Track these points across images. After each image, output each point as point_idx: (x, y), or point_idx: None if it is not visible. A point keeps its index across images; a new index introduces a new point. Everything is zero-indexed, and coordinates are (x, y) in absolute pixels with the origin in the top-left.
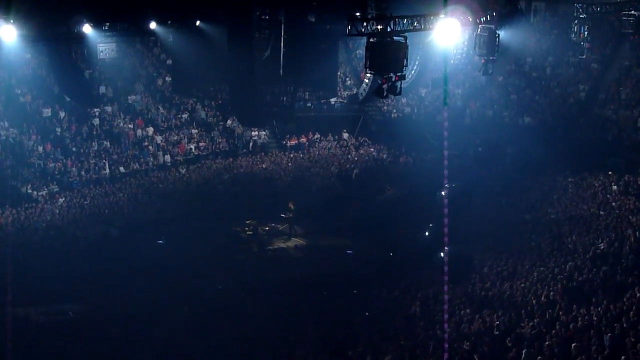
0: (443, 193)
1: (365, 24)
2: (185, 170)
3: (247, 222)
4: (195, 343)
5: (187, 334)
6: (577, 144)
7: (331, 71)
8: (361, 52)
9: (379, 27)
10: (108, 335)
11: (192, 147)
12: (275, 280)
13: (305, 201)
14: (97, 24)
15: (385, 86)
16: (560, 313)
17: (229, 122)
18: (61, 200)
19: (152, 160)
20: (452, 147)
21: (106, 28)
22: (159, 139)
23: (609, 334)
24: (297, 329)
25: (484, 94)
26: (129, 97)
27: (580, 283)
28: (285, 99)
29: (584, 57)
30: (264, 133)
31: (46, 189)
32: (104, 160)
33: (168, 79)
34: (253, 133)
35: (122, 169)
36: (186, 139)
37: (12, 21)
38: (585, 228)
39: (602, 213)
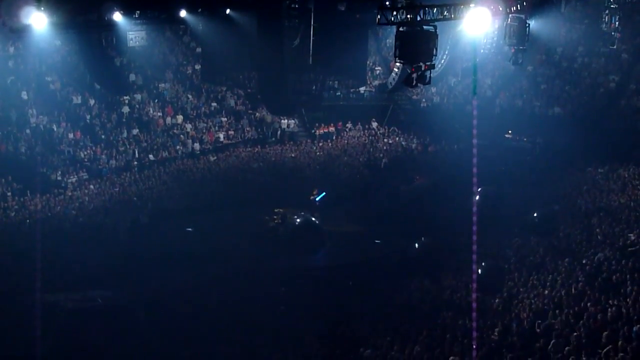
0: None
1: (394, 13)
2: (214, 158)
3: (275, 211)
4: (222, 330)
5: (214, 321)
6: (606, 135)
7: (360, 60)
8: (390, 40)
9: (409, 16)
10: (136, 322)
11: (221, 135)
12: (302, 268)
13: (333, 190)
14: (127, 12)
15: (414, 75)
16: (589, 304)
17: (258, 110)
18: (90, 187)
19: (181, 148)
20: (481, 137)
21: (136, 16)
22: (188, 126)
23: (638, 325)
24: (321, 318)
25: (514, 84)
26: (159, 85)
27: (609, 274)
28: (314, 87)
29: (615, 47)
30: (293, 122)
31: (75, 176)
32: (133, 148)
33: (197, 67)
34: (282, 121)
35: (151, 157)
36: (215, 127)
37: (42, 8)
38: (614, 219)
39: (632, 204)
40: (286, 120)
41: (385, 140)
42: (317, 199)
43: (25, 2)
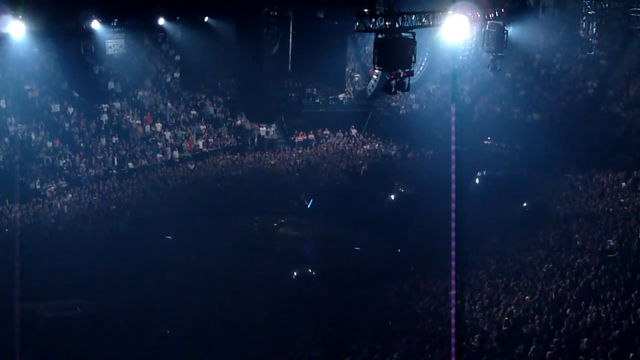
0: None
1: (373, 20)
2: (193, 166)
3: (256, 219)
4: (203, 338)
5: (195, 329)
6: (585, 141)
7: (339, 67)
8: (369, 47)
9: (387, 23)
10: (115, 331)
11: (200, 142)
12: (282, 275)
13: (313, 197)
14: (105, 20)
15: (393, 82)
16: (568, 309)
17: (237, 118)
18: (69, 195)
19: (160, 156)
20: (460, 143)
21: (114, 24)
22: (167, 134)
23: (617, 331)
24: (303, 325)
25: (492, 90)
26: (137, 93)
27: (589, 280)
28: (293, 94)
29: (592, 53)
30: (272, 129)
31: (54, 185)
32: (112, 156)
33: (176, 74)
34: (261, 129)
35: (130, 165)
36: (194, 135)
37: (20, 17)
38: (593, 224)
39: (610, 209)
40: (265, 128)
41: (365, 147)
42: (309, 205)
43: (2, 11)
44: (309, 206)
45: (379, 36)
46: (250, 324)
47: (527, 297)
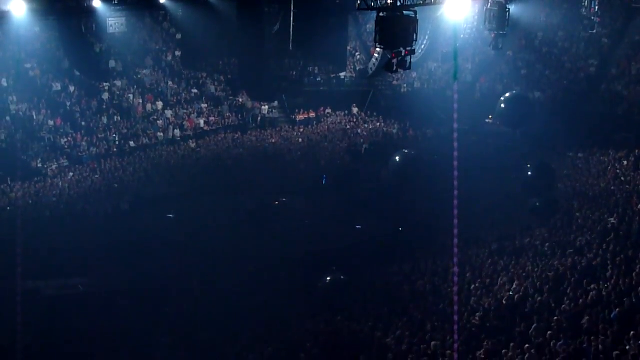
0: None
1: None
2: (194, 144)
3: (257, 197)
4: (204, 316)
5: (196, 308)
6: (587, 119)
7: (341, 45)
8: (371, 26)
9: (389, 1)
10: (117, 309)
11: (202, 121)
12: (283, 254)
13: (314, 175)
14: None
15: (394, 60)
16: (569, 288)
17: (239, 96)
18: (71, 174)
19: (161, 134)
20: (461, 122)
21: (116, 2)
22: (168, 113)
23: (618, 309)
24: (304, 304)
25: (494, 69)
26: (139, 72)
27: (590, 258)
28: (294, 73)
29: (595, 31)
30: (274, 107)
31: (56, 163)
32: (114, 134)
33: (177, 53)
34: (262, 107)
35: (131, 143)
36: (195, 114)
37: None
38: (595, 203)
39: (612, 188)
40: (266, 106)
41: (366, 125)
42: (324, 181)
43: None
44: (324, 182)
45: (381, 14)
46: (251, 302)
47: (528, 276)
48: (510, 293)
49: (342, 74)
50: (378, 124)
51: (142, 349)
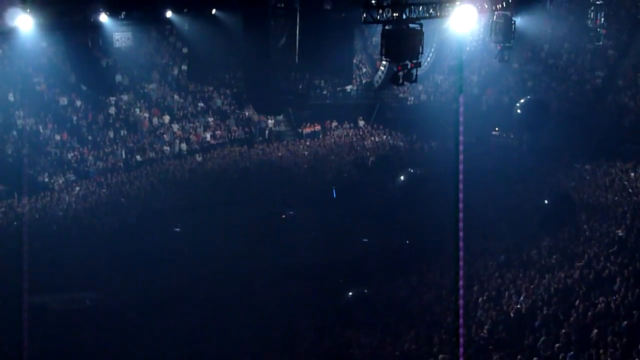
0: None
1: (380, 11)
2: (201, 158)
3: (264, 211)
4: (211, 330)
5: (203, 321)
6: (593, 131)
7: (346, 58)
8: (376, 39)
9: (395, 14)
10: (124, 323)
11: (208, 135)
12: (290, 266)
13: (320, 188)
14: (113, 13)
15: (400, 73)
16: (577, 300)
17: (245, 110)
18: (77, 188)
19: (168, 148)
20: (467, 134)
21: (122, 16)
22: (174, 127)
23: (626, 322)
24: (310, 316)
25: (500, 81)
26: (145, 86)
27: (598, 270)
28: (300, 86)
29: (600, 43)
30: (280, 121)
31: (63, 178)
32: (120, 149)
33: (184, 67)
34: (269, 121)
35: (138, 157)
36: (202, 127)
37: (28, 10)
38: (602, 215)
39: (619, 200)
40: (273, 120)
41: (372, 138)
42: (334, 194)
43: (11, 4)
44: (334, 195)
45: (386, 27)
46: (259, 315)
47: (535, 288)
48: (518, 306)
49: (348, 87)
50: (384, 136)
51: None
